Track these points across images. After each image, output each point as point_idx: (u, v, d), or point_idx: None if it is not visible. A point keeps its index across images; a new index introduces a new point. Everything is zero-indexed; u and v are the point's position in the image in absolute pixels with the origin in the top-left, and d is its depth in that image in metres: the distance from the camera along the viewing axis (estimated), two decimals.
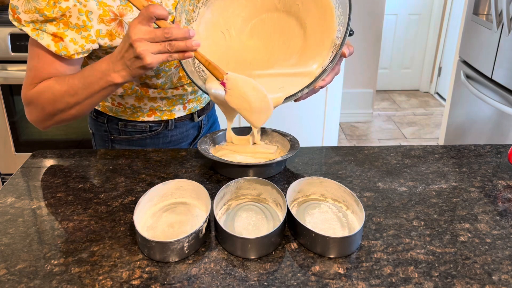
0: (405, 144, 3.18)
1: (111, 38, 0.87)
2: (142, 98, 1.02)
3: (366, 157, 0.97)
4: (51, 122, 0.90)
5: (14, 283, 0.61)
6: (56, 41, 0.83)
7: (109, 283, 0.61)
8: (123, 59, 0.76)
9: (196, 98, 1.09)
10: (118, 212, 0.77)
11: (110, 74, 0.79)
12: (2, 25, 2.03)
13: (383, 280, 0.62)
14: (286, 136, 0.95)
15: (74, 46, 0.84)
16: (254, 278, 0.62)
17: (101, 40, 0.87)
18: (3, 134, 2.24)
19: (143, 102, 1.03)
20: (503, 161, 0.95)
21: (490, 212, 0.78)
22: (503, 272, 0.64)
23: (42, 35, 0.82)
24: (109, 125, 1.07)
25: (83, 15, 0.83)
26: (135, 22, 0.73)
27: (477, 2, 2.23)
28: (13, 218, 0.75)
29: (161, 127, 1.08)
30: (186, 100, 1.07)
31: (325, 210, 0.76)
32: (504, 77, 1.97)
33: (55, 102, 0.85)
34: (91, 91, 0.82)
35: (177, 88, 1.03)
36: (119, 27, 0.87)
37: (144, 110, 1.04)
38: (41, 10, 0.80)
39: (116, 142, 1.09)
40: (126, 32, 0.75)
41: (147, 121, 1.06)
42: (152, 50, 0.73)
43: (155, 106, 1.04)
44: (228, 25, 0.93)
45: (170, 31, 0.72)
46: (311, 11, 0.88)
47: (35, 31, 0.82)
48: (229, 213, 0.75)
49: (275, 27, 0.92)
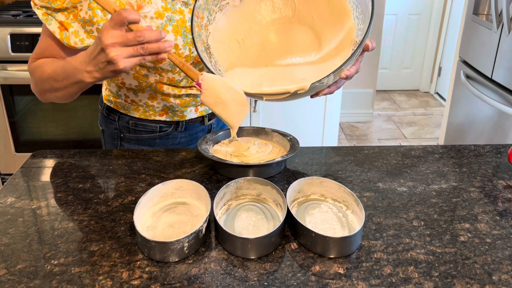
0: (405, 144, 3.18)
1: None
2: (155, 96, 1.02)
3: (366, 157, 0.97)
4: (46, 97, 0.93)
5: (14, 283, 0.61)
6: (61, 29, 0.87)
7: (109, 283, 0.61)
8: (95, 61, 0.76)
9: None
10: (118, 212, 0.77)
11: (82, 73, 0.80)
12: (2, 25, 2.03)
13: (383, 280, 0.62)
14: (286, 136, 0.95)
15: (75, 38, 0.87)
16: (254, 278, 0.62)
17: None
18: (3, 134, 2.24)
19: (157, 100, 1.03)
20: (503, 161, 0.95)
21: (490, 212, 0.78)
22: (503, 272, 0.64)
23: (51, 21, 0.87)
24: (120, 123, 1.08)
25: (91, 10, 0.85)
26: (107, 26, 0.73)
27: (477, 2, 2.23)
28: (13, 218, 0.75)
29: (171, 128, 1.08)
30: (198, 102, 1.07)
31: (325, 210, 0.76)
32: (504, 77, 1.97)
33: (42, 82, 0.89)
34: (67, 82, 0.84)
35: (192, 88, 1.03)
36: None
37: (156, 109, 1.05)
38: (54, 1, 0.84)
39: (125, 140, 1.09)
40: (98, 35, 0.75)
41: (158, 121, 1.06)
42: (125, 55, 0.74)
43: (168, 105, 1.04)
44: (243, 35, 0.94)
45: (142, 34, 0.72)
46: (326, 19, 0.88)
47: (46, 16, 0.86)
48: (229, 213, 0.75)
49: (291, 36, 0.92)
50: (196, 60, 0.96)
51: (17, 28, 2.03)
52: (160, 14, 0.88)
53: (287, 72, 0.89)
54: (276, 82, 0.86)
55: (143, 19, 0.87)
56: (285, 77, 0.87)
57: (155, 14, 0.88)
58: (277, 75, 0.88)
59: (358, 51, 0.76)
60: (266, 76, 0.88)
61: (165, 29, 0.89)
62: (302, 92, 0.79)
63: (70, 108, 2.22)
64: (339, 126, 3.21)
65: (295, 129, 2.32)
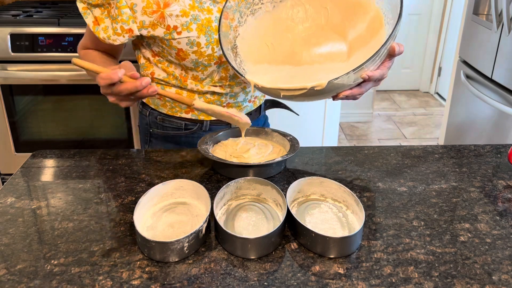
0: (405, 144, 3.18)
1: (153, 28, 0.92)
2: (181, 93, 1.04)
3: (366, 157, 0.97)
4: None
5: (14, 283, 0.61)
6: (95, 23, 0.95)
7: (109, 283, 0.61)
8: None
9: (236, 104, 1.09)
10: (118, 212, 0.77)
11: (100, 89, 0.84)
12: (2, 25, 2.03)
13: (383, 280, 0.62)
14: (286, 136, 0.95)
15: (104, 34, 0.94)
16: (254, 278, 0.62)
17: (144, 30, 0.93)
18: (3, 134, 2.23)
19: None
20: (503, 161, 0.95)
21: (490, 212, 0.77)
22: (503, 272, 0.64)
23: (88, 15, 0.95)
24: (150, 118, 1.12)
25: (117, 9, 0.91)
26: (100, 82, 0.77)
27: (477, 2, 2.23)
28: (13, 218, 0.75)
29: (196, 127, 1.09)
30: (224, 103, 1.07)
31: (325, 210, 0.76)
32: (504, 77, 1.97)
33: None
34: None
35: (216, 86, 1.03)
36: (161, 18, 0.91)
37: (182, 106, 1.07)
38: None
39: (154, 136, 1.12)
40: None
41: (184, 118, 1.08)
42: (120, 100, 0.81)
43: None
44: (273, 39, 0.94)
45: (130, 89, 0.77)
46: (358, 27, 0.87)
47: (85, 9, 0.94)
48: (229, 213, 0.75)
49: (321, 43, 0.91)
50: (219, 60, 0.98)
51: (17, 28, 2.03)
52: (185, 13, 0.91)
53: (310, 72, 0.88)
54: (296, 79, 0.85)
55: (168, 17, 0.90)
56: (307, 76, 0.86)
57: (180, 12, 0.91)
58: (300, 74, 0.88)
59: (381, 51, 0.73)
60: (288, 75, 0.88)
61: (189, 27, 0.92)
62: (319, 89, 0.76)
63: (70, 108, 2.22)
64: (339, 126, 3.21)
65: (295, 129, 2.31)
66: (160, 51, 0.99)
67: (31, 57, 2.06)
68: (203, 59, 0.96)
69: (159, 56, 1.01)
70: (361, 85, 0.81)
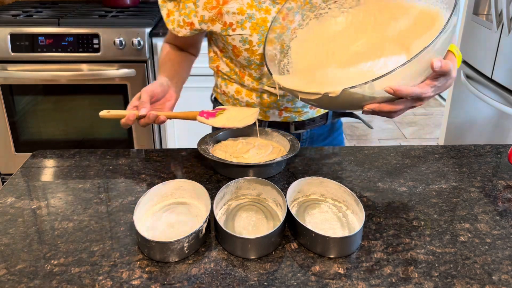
0: (405, 144, 3.18)
1: (212, 23, 0.97)
2: (240, 91, 1.07)
3: (366, 157, 0.97)
4: None
5: (14, 283, 0.61)
6: (167, 15, 1.03)
7: (109, 283, 0.61)
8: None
9: (295, 109, 1.06)
10: (118, 212, 0.77)
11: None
12: (2, 25, 2.03)
13: (383, 280, 0.62)
14: (286, 136, 0.95)
15: (171, 25, 1.02)
16: (254, 278, 0.62)
17: (204, 25, 0.98)
18: (3, 134, 2.24)
19: (241, 95, 1.07)
20: (503, 161, 0.95)
21: (490, 212, 0.77)
22: (503, 272, 0.64)
23: (163, 7, 1.03)
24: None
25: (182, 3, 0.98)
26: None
27: (477, 2, 2.23)
28: (13, 218, 0.75)
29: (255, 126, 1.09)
30: (281, 106, 1.06)
31: (325, 210, 0.76)
32: (504, 77, 1.97)
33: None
34: None
35: (272, 87, 1.03)
36: (219, 14, 0.95)
37: (241, 103, 1.08)
38: None
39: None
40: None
41: None
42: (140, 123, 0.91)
43: (250, 102, 1.06)
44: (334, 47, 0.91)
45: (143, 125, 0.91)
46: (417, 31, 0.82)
47: (163, 3, 1.03)
48: (229, 213, 0.75)
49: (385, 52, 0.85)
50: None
51: (17, 28, 2.04)
52: (242, 11, 0.93)
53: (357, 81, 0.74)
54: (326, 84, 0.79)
55: (225, 14, 0.94)
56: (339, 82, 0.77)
57: (237, 10, 0.93)
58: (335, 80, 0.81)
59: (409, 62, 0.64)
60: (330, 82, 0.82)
61: (243, 25, 0.94)
62: (334, 97, 0.69)
63: (70, 108, 2.22)
64: None
65: None
66: (222, 47, 1.04)
67: (31, 57, 2.06)
68: (254, 58, 0.98)
69: (223, 52, 1.05)
70: (394, 102, 0.73)
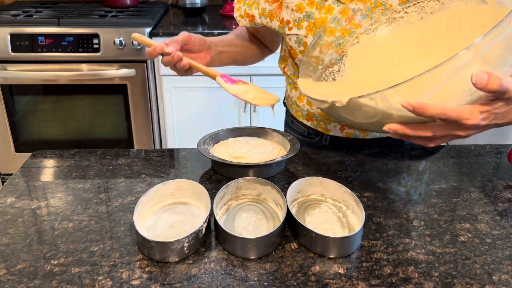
0: None
1: (271, 19, 0.94)
2: (302, 98, 1.04)
3: (366, 157, 0.97)
4: None
5: (14, 283, 0.61)
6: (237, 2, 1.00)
7: (109, 283, 0.61)
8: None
9: None
10: (118, 212, 0.77)
11: None
12: (2, 25, 2.04)
13: (383, 280, 0.62)
14: (286, 136, 0.95)
15: (236, 13, 1.00)
16: (254, 278, 0.62)
17: (264, 19, 0.95)
18: (3, 134, 2.24)
19: (302, 102, 1.04)
20: (503, 161, 0.95)
21: (490, 212, 0.77)
22: (503, 272, 0.64)
23: None
24: (286, 116, 1.14)
25: None
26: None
27: None
28: (13, 218, 0.75)
29: (318, 138, 1.07)
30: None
31: (325, 210, 0.76)
32: None
33: None
34: None
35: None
36: (279, 9, 0.91)
37: (303, 111, 1.05)
38: None
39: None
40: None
41: (305, 125, 1.08)
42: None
43: (311, 111, 1.04)
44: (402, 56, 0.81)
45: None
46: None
47: None
48: (229, 213, 0.75)
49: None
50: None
51: (17, 28, 2.04)
52: (300, 8, 0.88)
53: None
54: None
55: (285, 8, 0.90)
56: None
57: (296, 6, 0.88)
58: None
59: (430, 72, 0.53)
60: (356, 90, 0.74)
61: (299, 25, 0.89)
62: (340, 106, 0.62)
63: (70, 108, 2.22)
64: None
65: None
66: (286, 48, 1.01)
67: (31, 57, 2.06)
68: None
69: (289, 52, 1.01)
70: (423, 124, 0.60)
